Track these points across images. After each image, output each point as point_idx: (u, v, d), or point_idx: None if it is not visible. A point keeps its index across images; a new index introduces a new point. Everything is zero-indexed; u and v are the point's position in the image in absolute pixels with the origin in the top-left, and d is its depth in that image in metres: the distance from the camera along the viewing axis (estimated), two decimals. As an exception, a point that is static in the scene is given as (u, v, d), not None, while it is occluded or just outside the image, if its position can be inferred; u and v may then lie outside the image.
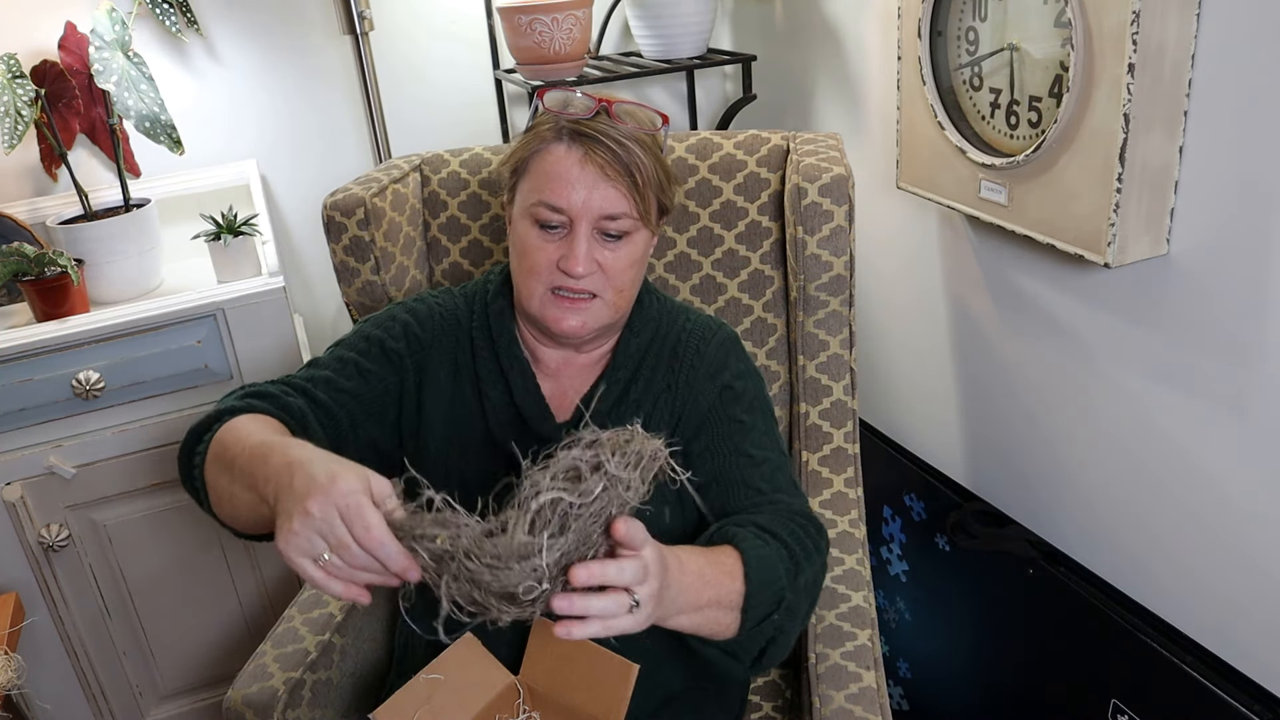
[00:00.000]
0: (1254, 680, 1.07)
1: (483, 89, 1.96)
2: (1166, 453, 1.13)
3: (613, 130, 0.94)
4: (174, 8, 1.67)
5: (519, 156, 0.99)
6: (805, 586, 0.95)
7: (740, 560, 0.89)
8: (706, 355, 1.06)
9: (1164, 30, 0.96)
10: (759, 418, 1.06)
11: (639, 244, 0.99)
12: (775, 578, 0.91)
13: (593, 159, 0.94)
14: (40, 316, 1.54)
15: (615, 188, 0.95)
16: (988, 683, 1.47)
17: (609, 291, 0.98)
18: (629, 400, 1.04)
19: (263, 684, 1.08)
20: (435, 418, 1.05)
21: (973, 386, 1.47)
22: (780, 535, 0.94)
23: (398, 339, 1.06)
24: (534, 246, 0.97)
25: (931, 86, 1.25)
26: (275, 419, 0.94)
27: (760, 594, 0.89)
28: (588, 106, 0.96)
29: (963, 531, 1.43)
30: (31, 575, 1.54)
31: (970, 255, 1.40)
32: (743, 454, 1.03)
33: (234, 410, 0.94)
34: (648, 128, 0.98)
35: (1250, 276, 0.98)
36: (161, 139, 1.61)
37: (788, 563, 0.93)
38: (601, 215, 0.95)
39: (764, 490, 1.01)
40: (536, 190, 0.96)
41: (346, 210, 1.26)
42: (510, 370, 1.05)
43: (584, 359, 1.07)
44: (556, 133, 0.96)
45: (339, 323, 2.00)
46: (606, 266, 0.97)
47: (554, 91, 0.99)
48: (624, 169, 0.94)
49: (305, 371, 1.04)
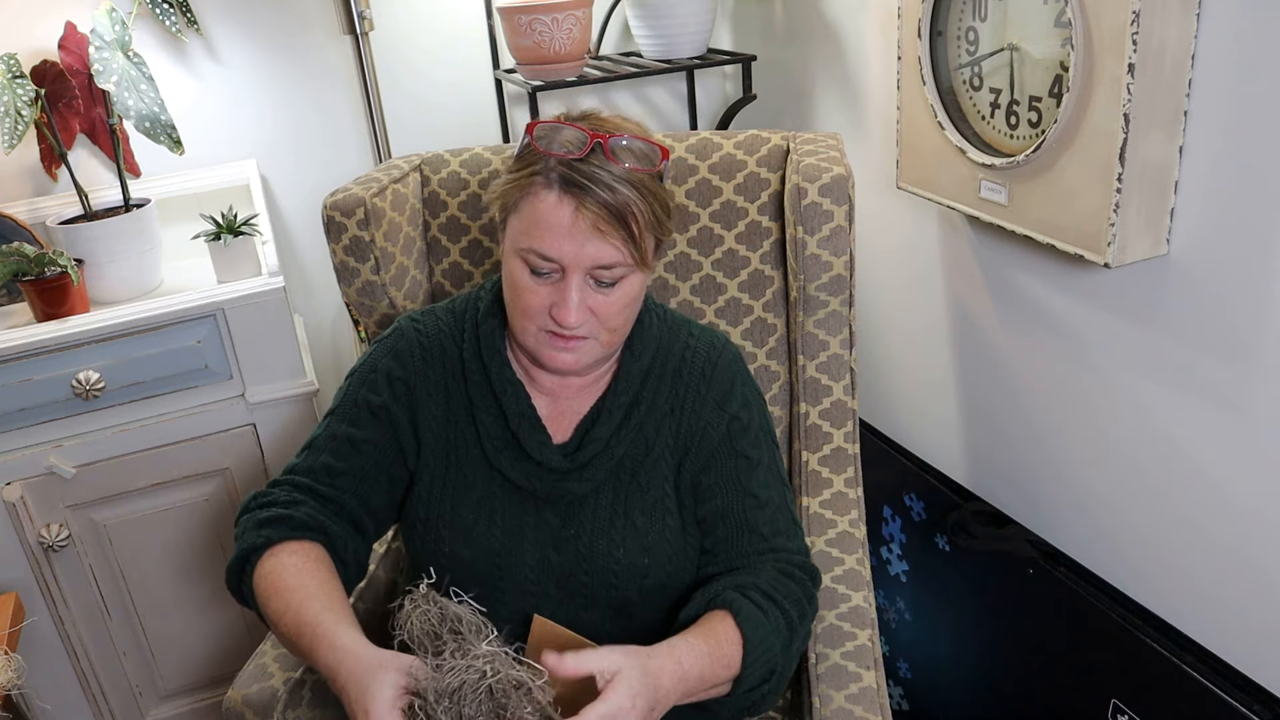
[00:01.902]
0: (1254, 680, 1.07)
1: (483, 89, 1.96)
2: (1166, 452, 1.13)
3: (607, 174, 0.89)
4: (174, 8, 1.67)
5: (510, 198, 0.94)
6: (796, 651, 0.98)
7: (740, 644, 0.91)
8: (714, 381, 1.05)
9: (1164, 30, 0.96)
10: (764, 451, 1.05)
11: (634, 285, 0.96)
12: (771, 656, 0.93)
13: (585, 212, 0.88)
14: (40, 316, 1.54)
15: (609, 241, 0.90)
16: (988, 683, 1.47)
17: (602, 333, 0.96)
18: (630, 424, 1.03)
19: (263, 684, 1.08)
20: (432, 445, 1.05)
21: (973, 386, 1.47)
22: (781, 603, 0.96)
23: (381, 392, 1.04)
24: (525, 288, 0.94)
25: (931, 86, 1.25)
26: (295, 542, 0.97)
27: (754, 671, 0.92)
28: (580, 141, 0.90)
29: (963, 531, 1.43)
30: (31, 575, 1.54)
31: (970, 255, 1.40)
32: (749, 494, 1.03)
33: (257, 548, 0.96)
34: (647, 167, 0.92)
35: (1250, 276, 0.98)
36: (161, 139, 1.61)
37: (785, 633, 0.95)
38: (595, 266, 0.91)
39: (765, 536, 1.02)
40: (527, 235, 0.92)
41: (346, 210, 1.26)
42: (503, 394, 1.03)
43: (581, 380, 1.05)
44: (547, 178, 0.90)
45: (339, 323, 2.00)
46: (599, 311, 0.94)
47: (543, 124, 0.93)
48: (619, 220, 0.89)
49: (306, 460, 1.04)
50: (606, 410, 1.03)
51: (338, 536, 1.00)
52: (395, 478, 1.05)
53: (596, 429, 1.02)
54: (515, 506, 1.02)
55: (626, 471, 1.02)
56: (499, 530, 1.01)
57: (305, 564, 0.95)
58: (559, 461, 1.01)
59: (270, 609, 0.92)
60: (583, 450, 1.02)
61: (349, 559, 1.01)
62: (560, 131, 0.92)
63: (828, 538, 1.23)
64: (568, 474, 1.01)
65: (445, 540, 1.01)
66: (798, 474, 1.30)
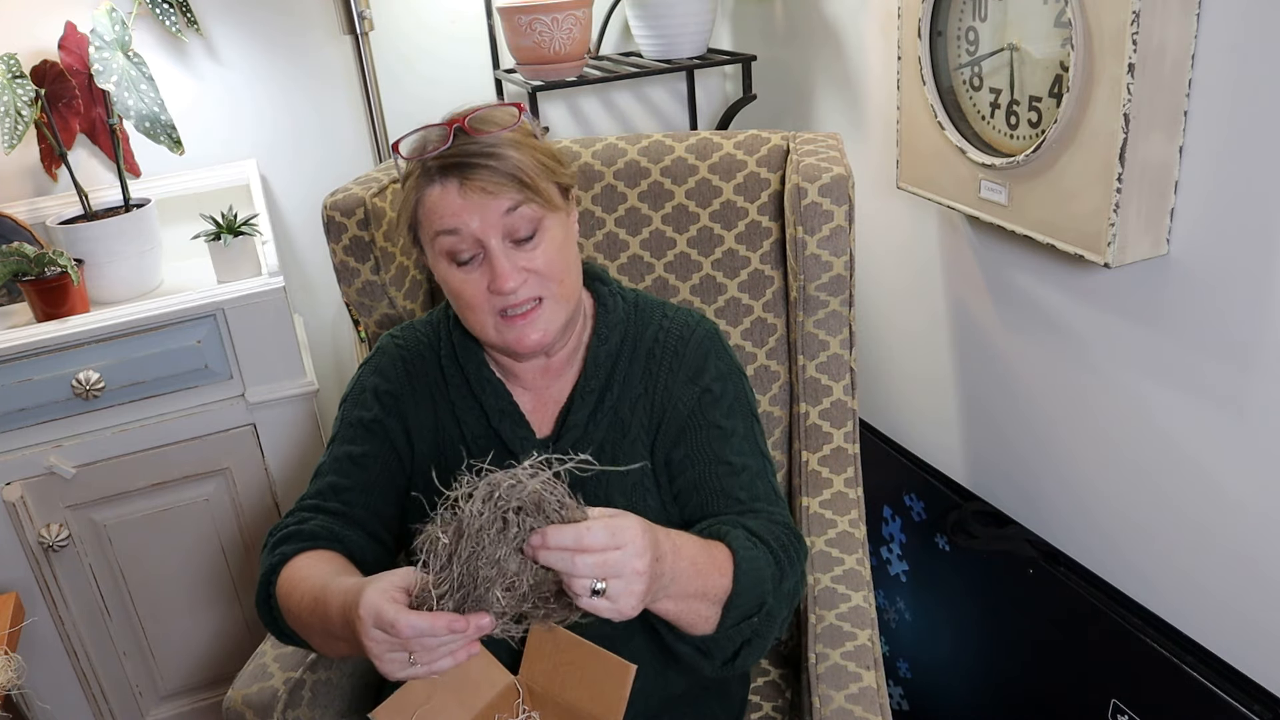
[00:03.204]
0: (1254, 680, 1.07)
1: (483, 89, 1.96)
2: (1166, 452, 1.13)
3: (476, 147, 0.92)
4: (174, 8, 1.67)
5: (407, 212, 0.97)
6: (787, 594, 0.95)
7: (731, 558, 0.89)
8: (685, 357, 1.05)
9: (1164, 30, 0.96)
10: (739, 421, 1.05)
11: (556, 230, 0.96)
12: (761, 580, 0.91)
13: (470, 184, 0.91)
14: (40, 316, 1.54)
15: (504, 197, 0.92)
16: (988, 683, 1.47)
17: (551, 286, 0.96)
18: (604, 408, 1.03)
19: (263, 684, 1.08)
20: (424, 454, 1.06)
21: (973, 386, 1.47)
22: (767, 541, 0.95)
23: (370, 408, 1.06)
24: (460, 282, 0.95)
25: (931, 86, 1.25)
26: (308, 552, 0.98)
27: (745, 595, 0.89)
28: (442, 135, 0.93)
29: (963, 531, 1.43)
30: (31, 575, 1.54)
31: (970, 255, 1.40)
32: (722, 461, 1.02)
33: (274, 567, 0.97)
34: (508, 124, 0.95)
35: (1250, 276, 0.98)
36: (161, 139, 1.61)
37: (773, 568, 0.93)
38: (504, 228, 0.93)
39: (743, 500, 1.00)
40: (433, 226, 0.94)
41: (346, 210, 1.26)
42: (483, 394, 1.04)
43: (556, 362, 1.05)
44: (427, 176, 0.93)
45: (339, 323, 2.00)
46: (535, 268, 0.95)
47: (406, 138, 0.96)
48: (504, 177, 0.92)
49: (313, 487, 1.06)
50: (580, 396, 1.03)
51: (352, 542, 1.01)
52: (400, 487, 1.07)
53: (573, 416, 1.03)
54: None
55: (606, 456, 1.02)
56: None
57: (318, 560, 0.96)
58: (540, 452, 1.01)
59: (290, 605, 0.94)
60: (562, 439, 1.03)
61: (370, 563, 1.01)
62: (423, 135, 0.96)
63: (828, 538, 1.23)
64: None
65: None
66: (798, 474, 1.30)
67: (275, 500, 1.66)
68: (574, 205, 1.03)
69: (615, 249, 1.35)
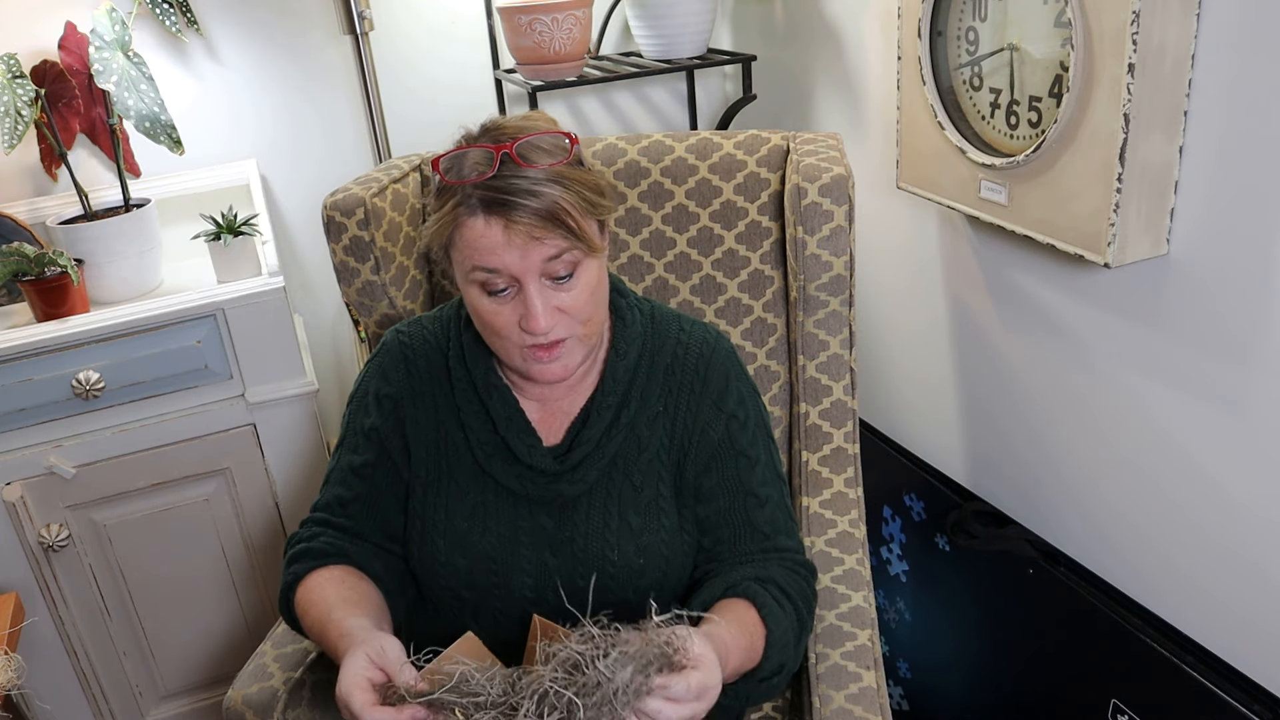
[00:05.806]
0: (1254, 680, 1.07)
1: (483, 89, 1.96)
2: (1166, 453, 1.13)
3: (523, 182, 0.88)
4: (174, 8, 1.67)
5: (444, 234, 0.93)
6: (803, 648, 0.99)
7: (765, 635, 0.93)
8: (707, 379, 1.04)
9: (1164, 30, 0.96)
10: (761, 447, 1.05)
11: (591, 272, 0.94)
12: (785, 647, 0.94)
13: (516, 225, 0.87)
14: (40, 316, 1.54)
15: (548, 242, 0.89)
16: (988, 683, 1.47)
17: (577, 328, 0.95)
18: (620, 424, 1.02)
19: (263, 684, 1.08)
20: (422, 456, 1.05)
21: (973, 386, 1.47)
22: (795, 599, 0.97)
23: (370, 413, 1.06)
24: (490, 311, 0.93)
25: (931, 86, 1.25)
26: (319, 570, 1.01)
27: (769, 663, 0.93)
28: (488, 159, 0.89)
29: (963, 531, 1.43)
30: (31, 575, 1.54)
31: (970, 255, 1.40)
32: (750, 494, 1.03)
33: (290, 585, 1.01)
34: (559, 158, 0.91)
35: (1250, 276, 0.98)
36: (161, 139, 1.61)
37: (796, 630, 0.96)
38: (543, 269, 0.90)
39: (768, 534, 1.02)
40: (471, 259, 0.91)
41: (346, 210, 1.26)
42: (490, 399, 1.03)
43: (568, 381, 1.04)
44: (469, 206, 0.89)
45: (339, 323, 2.00)
46: (566, 308, 0.93)
47: (448, 155, 0.92)
48: (551, 220, 0.88)
49: (323, 495, 1.08)
50: (596, 411, 1.02)
51: (359, 556, 1.02)
52: (401, 495, 1.07)
53: (587, 430, 1.02)
54: (509, 511, 1.02)
55: (620, 472, 1.02)
56: (493, 536, 1.01)
57: (327, 583, 0.99)
58: (549, 464, 1.01)
59: (304, 626, 0.99)
60: (574, 452, 1.02)
61: (381, 574, 1.02)
62: (466, 156, 0.91)
63: (828, 538, 1.23)
64: (559, 476, 1.01)
65: (441, 550, 1.01)
66: (798, 474, 1.30)
67: (275, 500, 1.66)
68: (608, 236, 1.00)
69: (615, 249, 1.35)
